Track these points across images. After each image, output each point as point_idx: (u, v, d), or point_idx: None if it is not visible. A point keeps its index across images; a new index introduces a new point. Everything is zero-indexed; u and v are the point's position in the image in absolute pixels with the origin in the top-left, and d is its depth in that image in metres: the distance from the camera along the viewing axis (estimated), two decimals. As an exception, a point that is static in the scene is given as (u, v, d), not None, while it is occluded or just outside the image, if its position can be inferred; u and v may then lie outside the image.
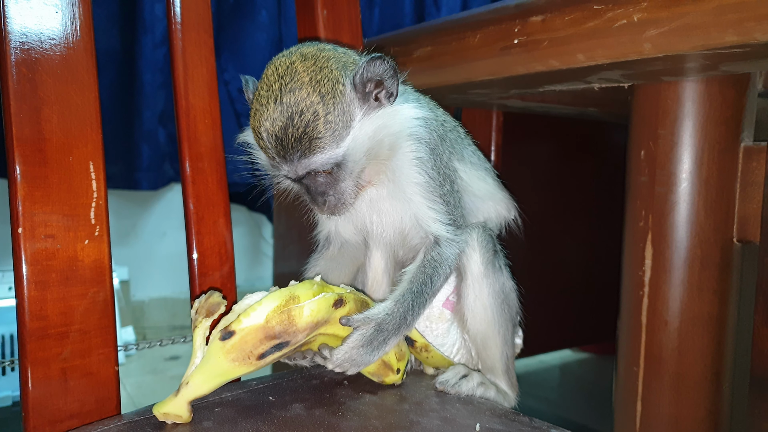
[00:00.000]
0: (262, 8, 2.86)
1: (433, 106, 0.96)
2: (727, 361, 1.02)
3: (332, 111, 0.78)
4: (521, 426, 0.77)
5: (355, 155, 0.82)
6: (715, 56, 0.83)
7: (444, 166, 0.89)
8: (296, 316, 0.72)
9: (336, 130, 0.79)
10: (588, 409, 2.20)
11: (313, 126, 0.78)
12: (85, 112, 0.77)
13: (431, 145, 0.87)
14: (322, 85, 0.79)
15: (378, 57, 0.81)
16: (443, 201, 0.87)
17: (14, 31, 0.72)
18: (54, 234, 0.74)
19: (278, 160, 0.81)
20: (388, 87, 0.83)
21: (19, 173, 0.72)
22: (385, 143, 0.84)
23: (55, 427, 0.74)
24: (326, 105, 0.78)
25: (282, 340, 0.72)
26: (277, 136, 0.78)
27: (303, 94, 0.78)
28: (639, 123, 1.04)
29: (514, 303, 0.94)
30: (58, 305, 0.74)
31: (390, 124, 0.84)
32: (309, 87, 0.78)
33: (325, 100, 0.78)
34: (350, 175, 0.83)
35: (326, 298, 0.76)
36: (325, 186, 0.83)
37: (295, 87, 0.78)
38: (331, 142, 0.79)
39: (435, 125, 0.90)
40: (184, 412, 0.72)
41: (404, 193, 0.87)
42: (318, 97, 0.78)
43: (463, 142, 0.98)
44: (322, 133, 0.78)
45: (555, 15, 0.95)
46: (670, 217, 0.99)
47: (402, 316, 0.83)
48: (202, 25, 0.92)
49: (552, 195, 1.95)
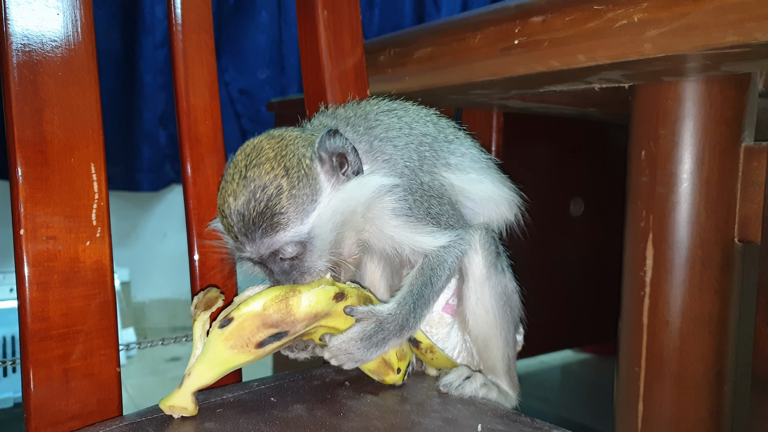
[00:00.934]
0: (263, 9, 2.86)
1: (412, 119, 0.92)
2: (729, 362, 1.02)
3: (296, 185, 0.75)
4: (523, 427, 0.77)
5: (323, 232, 0.78)
6: (715, 56, 0.83)
7: (427, 189, 0.86)
8: (294, 305, 0.73)
9: (301, 204, 0.75)
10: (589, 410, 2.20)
11: (276, 200, 0.74)
12: (86, 113, 0.77)
13: (404, 184, 0.84)
14: (288, 159, 0.76)
15: (335, 131, 0.79)
16: (433, 222, 0.85)
17: (16, 33, 0.72)
18: (55, 235, 0.74)
19: (240, 239, 0.77)
20: (352, 162, 0.80)
21: (21, 175, 0.72)
22: (357, 212, 0.80)
23: (56, 428, 0.74)
24: (290, 179, 0.75)
25: (280, 329, 0.73)
26: (240, 211, 0.75)
27: (267, 168, 0.75)
28: (639, 123, 1.04)
29: (516, 304, 0.94)
30: (60, 306, 0.74)
31: (358, 195, 0.80)
32: (274, 161, 0.76)
33: (290, 174, 0.75)
34: (318, 254, 0.79)
35: (326, 290, 0.76)
36: (290, 268, 0.78)
37: (260, 162, 0.76)
38: (296, 218, 0.75)
39: (405, 155, 0.86)
40: (189, 403, 0.72)
41: (384, 234, 0.85)
42: (283, 171, 0.75)
43: (448, 148, 0.93)
44: (285, 207, 0.75)
45: (555, 15, 0.95)
46: (671, 217, 0.99)
47: (404, 318, 0.82)
48: (202, 26, 0.92)
49: (552, 195, 1.95)
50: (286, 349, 0.87)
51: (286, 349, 0.87)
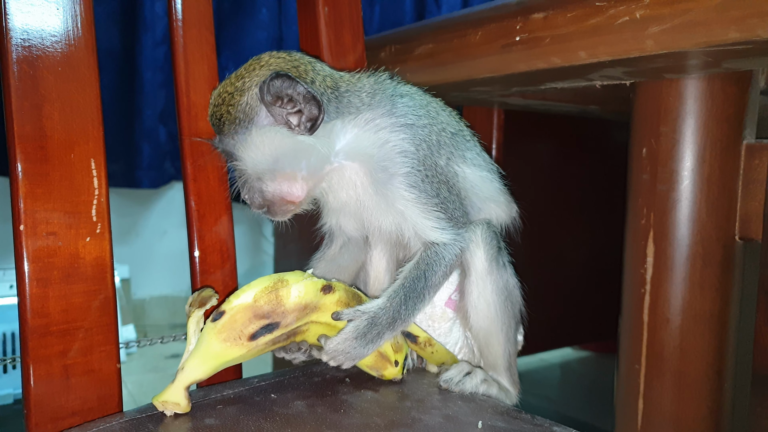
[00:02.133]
0: (263, 6, 2.85)
1: (438, 108, 0.95)
2: (729, 359, 1.01)
3: (239, 103, 0.82)
4: (523, 424, 0.77)
5: (251, 158, 0.83)
6: (717, 53, 0.83)
7: (441, 172, 0.88)
8: (284, 296, 0.75)
9: (236, 121, 0.82)
10: (588, 407, 2.20)
11: (222, 108, 0.83)
12: (86, 109, 0.77)
13: (420, 155, 0.85)
14: (249, 80, 0.83)
15: (283, 74, 0.80)
16: (440, 208, 0.86)
17: (15, 28, 0.72)
18: (55, 231, 0.74)
19: None
20: (304, 109, 0.82)
21: (21, 170, 0.72)
22: (285, 164, 0.84)
23: (57, 424, 0.74)
24: (239, 96, 0.82)
25: (271, 320, 0.75)
26: (212, 109, 0.86)
27: (233, 80, 0.84)
28: (640, 120, 1.04)
29: (517, 300, 0.94)
30: (60, 303, 0.74)
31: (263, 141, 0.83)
32: (246, 76, 0.83)
33: (238, 89, 0.82)
34: (254, 176, 0.85)
35: (314, 281, 0.79)
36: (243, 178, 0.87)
37: (239, 72, 0.84)
38: (228, 128, 0.83)
39: (426, 132, 0.87)
40: (182, 399, 0.72)
41: (395, 208, 0.86)
42: (240, 85, 0.83)
43: (466, 144, 0.97)
44: (225, 117, 0.83)
45: (557, 12, 0.95)
46: (672, 214, 0.99)
47: (395, 310, 0.82)
48: (203, 22, 0.92)
49: (553, 192, 1.94)
50: (281, 350, 0.87)
51: (281, 350, 0.87)
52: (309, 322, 0.80)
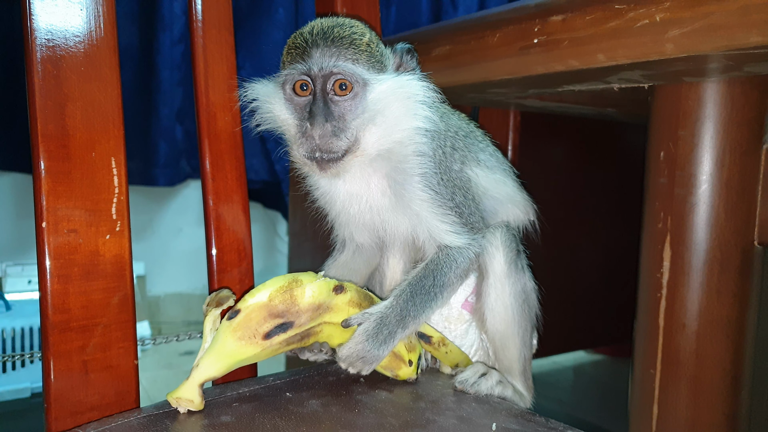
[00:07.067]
0: (280, 6, 2.87)
1: (448, 112, 0.96)
2: (746, 365, 1.00)
3: (377, 48, 0.83)
4: (537, 426, 0.77)
5: (377, 98, 0.81)
6: (738, 57, 0.82)
7: (455, 177, 0.88)
8: (298, 296, 0.76)
9: (374, 60, 0.82)
10: (601, 411, 2.19)
11: (359, 38, 0.81)
12: (107, 108, 0.78)
13: (436, 159, 0.86)
14: (372, 33, 0.85)
15: (413, 50, 0.87)
16: (455, 212, 0.86)
17: (40, 29, 0.73)
18: (77, 228, 0.75)
19: (310, 50, 0.79)
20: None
21: (44, 168, 0.73)
22: (398, 110, 0.84)
23: (75, 418, 0.75)
24: (374, 41, 0.83)
25: (286, 319, 0.75)
26: (324, 30, 0.81)
27: (355, 22, 0.84)
28: (659, 124, 1.03)
29: (534, 304, 0.94)
30: (80, 299, 0.75)
31: (405, 91, 0.84)
32: (362, 27, 0.84)
33: (374, 39, 0.84)
34: (363, 113, 0.80)
35: (327, 281, 0.80)
36: (331, 113, 0.80)
37: (349, 21, 0.84)
38: (368, 64, 0.81)
39: (442, 138, 0.89)
40: (195, 396, 0.73)
41: (411, 209, 0.87)
42: (369, 32, 0.84)
43: (479, 146, 0.97)
44: (363, 49, 0.81)
45: (576, 15, 0.94)
46: (690, 219, 0.98)
47: (402, 307, 0.83)
48: (222, 22, 0.93)
49: (569, 195, 1.93)
50: (305, 351, 0.88)
51: (305, 351, 0.88)
52: (322, 323, 0.80)
